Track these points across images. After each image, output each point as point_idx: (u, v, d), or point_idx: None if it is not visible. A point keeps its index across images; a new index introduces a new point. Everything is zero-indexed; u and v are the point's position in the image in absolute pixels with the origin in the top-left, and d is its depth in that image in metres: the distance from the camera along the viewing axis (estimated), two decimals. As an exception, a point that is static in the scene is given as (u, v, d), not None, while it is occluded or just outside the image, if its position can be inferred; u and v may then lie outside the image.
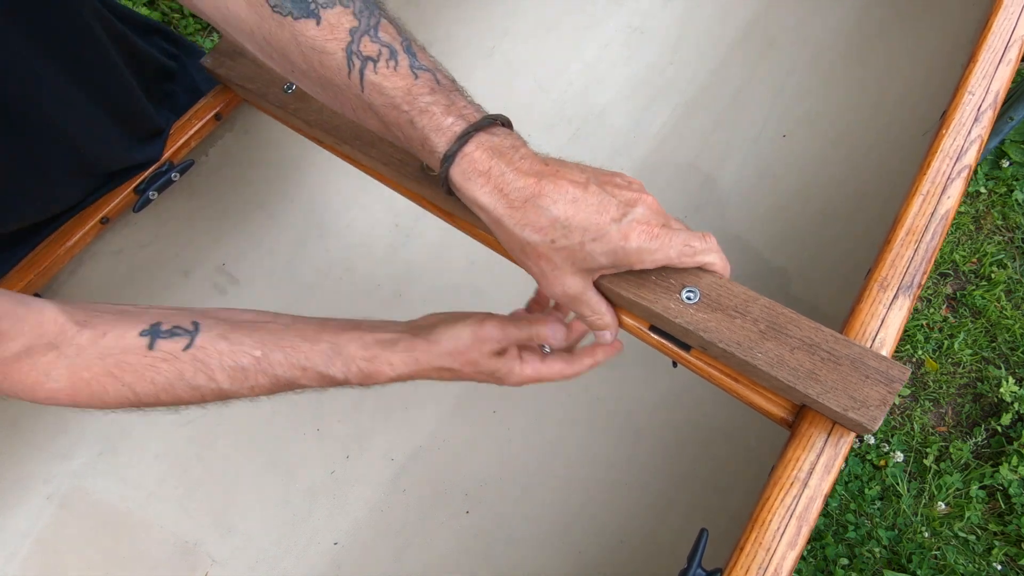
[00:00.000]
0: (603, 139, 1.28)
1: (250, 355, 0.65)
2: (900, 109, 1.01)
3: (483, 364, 0.68)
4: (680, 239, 0.59)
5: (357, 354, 0.67)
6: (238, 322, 0.67)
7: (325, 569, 1.02)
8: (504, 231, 0.60)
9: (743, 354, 0.57)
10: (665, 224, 0.60)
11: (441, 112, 0.60)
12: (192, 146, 0.93)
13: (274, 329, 0.67)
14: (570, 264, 0.60)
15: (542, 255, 0.60)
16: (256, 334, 0.66)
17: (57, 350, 0.60)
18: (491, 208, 0.59)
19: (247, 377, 0.65)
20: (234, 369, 0.64)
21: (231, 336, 0.65)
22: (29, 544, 0.95)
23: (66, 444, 0.98)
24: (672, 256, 0.59)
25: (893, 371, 0.55)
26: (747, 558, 0.55)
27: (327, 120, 0.81)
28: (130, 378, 0.62)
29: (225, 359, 0.64)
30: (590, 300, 0.64)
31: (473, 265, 1.20)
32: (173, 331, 0.63)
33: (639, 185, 0.63)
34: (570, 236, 0.58)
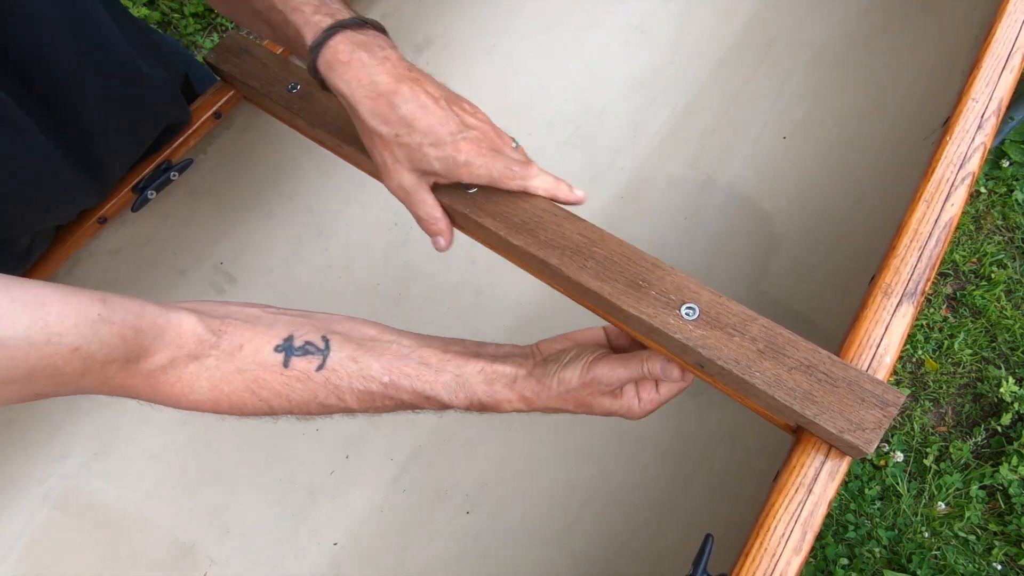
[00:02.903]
0: (603, 138, 1.28)
1: (379, 381, 0.66)
2: (901, 113, 1.01)
3: (597, 405, 0.69)
4: (503, 162, 0.69)
5: (480, 388, 0.68)
6: (365, 343, 0.67)
7: (325, 569, 1.02)
8: (358, 118, 0.69)
9: (741, 372, 0.57)
10: (495, 149, 0.69)
11: (311, 11, 0.67)
12: (191, 145, 0.93)
13: (399, 352, 0.67)
14: (408, 161, 0.69)
15: (387, 145, 0.69)
16: (384, 358, 0.67)
17: (198, 361, 0.61)
18: (349, 95, 0.67)
19: (374, 400, 0.66)
20: (363, 393, 0.66)
21: (361, 360, 0.66)
22: (23, 545, 0.94)
23: (61, 444, 0.98)
24: (495, 175, 0.68)
25: (888, 395, 0.55)
26: (752, 563, 0.55)
27: (331, 121, 0.80)
28: (267, 394, 0.63)
29: (355, 383, 0.65)
30: (423, 198, 0.72)
31: (473, 265, 1.20)
32: (306, 348, 0.64)
33: (484, 116, 0.72)
34: (412, 136, 0.67)
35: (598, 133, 1.29)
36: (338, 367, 0.65)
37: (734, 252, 1.12)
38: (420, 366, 0.67)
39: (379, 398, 0.66)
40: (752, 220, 1.13)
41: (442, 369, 0.68)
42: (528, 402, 0.69)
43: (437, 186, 0.71)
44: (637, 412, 0.71)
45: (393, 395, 0.66)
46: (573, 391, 0.68)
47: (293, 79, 0.85)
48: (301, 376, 0.64)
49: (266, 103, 0.88)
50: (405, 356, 0.67)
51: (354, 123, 0.70)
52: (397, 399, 0.67)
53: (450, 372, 0.68)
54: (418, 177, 0.71)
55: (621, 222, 1.21)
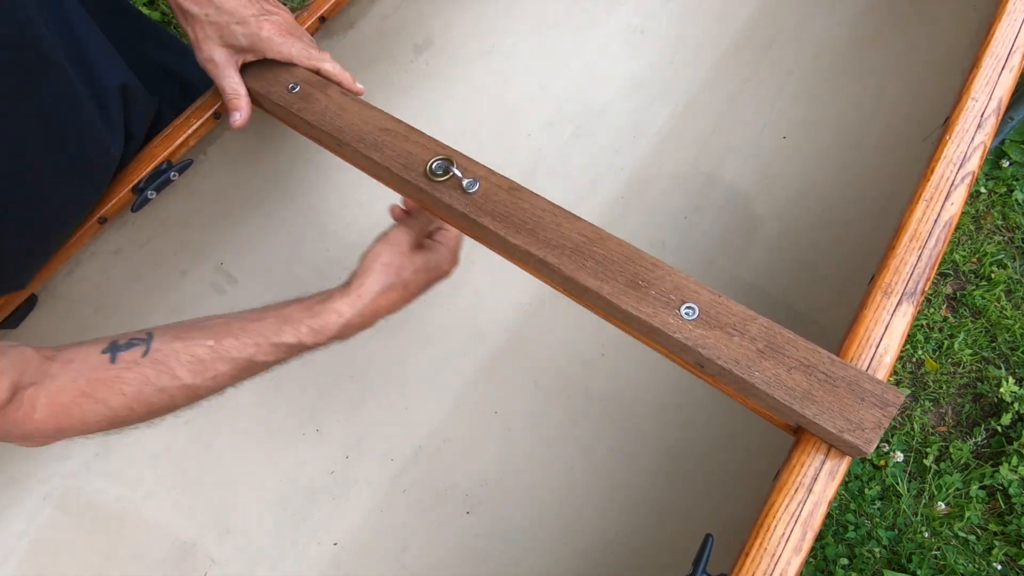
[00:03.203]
0: (603, 138, 1.28)
1: (204, 345, 0.70)
2: (901, 112, 1.01)
3: (412, 263, 0.78)
4: (302, 44, 0.85)
5: (301, 316, 0.73)
6: (188, 324, 0.72)
7: (325, 569, 1.02)
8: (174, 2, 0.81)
9: (741, 372, 0.57)
10: (294, 33, 0.86)
11: None
12: (191, 145, 0.93)
13: (221, 321, 0.73)
14: (218, 37, 0.82)
15: (199, 23, 0.81)
16: (206, 328, 0.71)
17: (36, 385, 0.64)
18: None
19: (206, 368, 0.70)
20: (192, 362, 0.69)
21: (184, 335, 0.70)
22: (25, 545, 0.94)
23: (63, 444, 0.97)
24: (294, 54, 0.84)
25: (888, 395, 0.55)
26: (752, 563, 0.55)
27: (330, 121, 0.80)
28: (102, 393, 0.66)
29: (182, 355, 0.69)
30: (230, 74, 0.85)
31: (473, 265, 1.20)
32: (130, 343, 0.68)
33: (285, 9, 0.87)
34: (220, 15, 0.81)
35: (598, 133, 1.29)
36: (162, 347, 0.69)
37: (734, 252, 1.12)
38: (243, 322, 0.72)
39: (211, 363, 0.70)
40: (752, 220, 1.13)
41: (262, 317, 0.73)
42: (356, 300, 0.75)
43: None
44: (448, 255, 0.83)
45: (224, 355, 0.70)
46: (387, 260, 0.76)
47: (293, 80, 0.85)
48: (129, 364, 0.67)
49: (266, 103, 0.88)
50: (228, 322, 0.73)
51: (172, 9, 0.82)
52: (230, 359, 0.70)
53: (270, 316, 0.73)
54: (228, 54, 0.84)
55: (621, 222, 1.21)
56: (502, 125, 1.27)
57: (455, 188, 0.72)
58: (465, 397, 1.12)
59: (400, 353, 1.14)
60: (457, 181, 0.72)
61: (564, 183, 1.25)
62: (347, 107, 0.82)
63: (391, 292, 0.76)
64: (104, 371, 0.66)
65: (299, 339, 0.73)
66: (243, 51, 0.84)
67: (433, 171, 0.73)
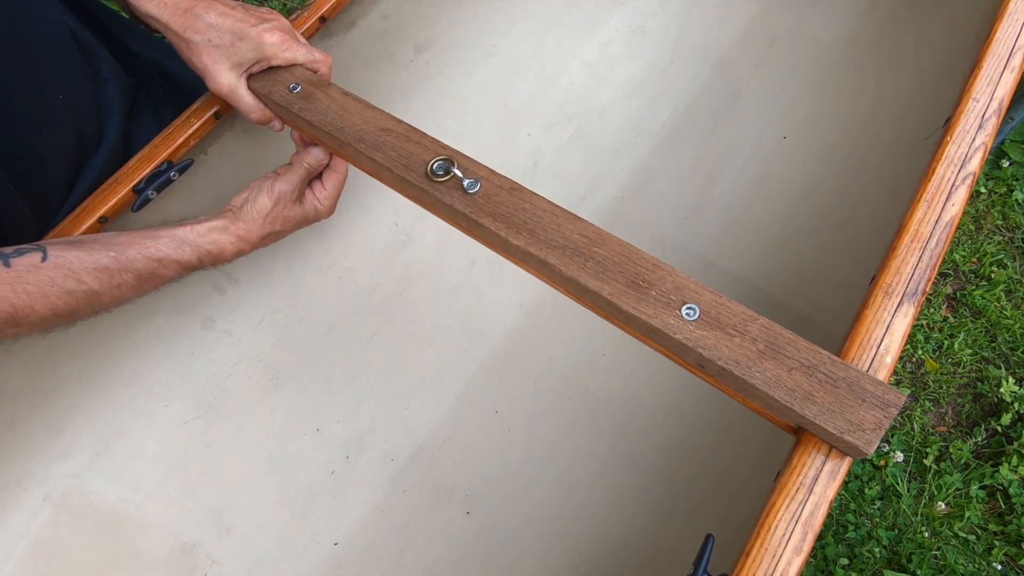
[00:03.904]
0: (603, 139, 1.28)
1: (107, 255, 0.73)
2: (902, 113, 1.01)
3: (293, 215, 0.89)
4: (306, 48, 0.86)
5: (198, 241, 0.81)
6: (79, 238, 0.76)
7: (325, 570, 1.02)
8: (173, 34, 0.81)
9: (741, 373, 0.57)
10: (296, 38, 0.86)
11: None
12: (191, 145, 0.93)
13: (113, 237, 0.77)
14: (225, 59, 0.82)
15: (203, 51, 0.81)
16: (99, 242, 0.75)
17: None
18: (159, 16, 0.80)
19: (112, 276, 0.74)
20: (97, 270, 0.72)
21: (80, 246, 0.73)
22: (25, 545, 0.94)
23: (63, 445, 0.98)
24: (300, 58, 0.85)
25: (889, 396, 0.55)
26: (753, 564, 0.55)
27: (331, 121, 0.80)
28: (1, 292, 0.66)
29: (86, 262, 0.72)
30: (243, 95, 0.85)
31: (473, 265, 1.20)
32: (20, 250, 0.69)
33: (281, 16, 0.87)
34: (223, 37, 0.81)
35: (598, 133, 1.29)
36: (63, 253, 0.71)
37: (734, 252, 1.12)
38: (139, 239, 0.78)
39: (115, 272, 0.74)
40: (753, 220, 1.13)
41: (158, 236, 0.79)
42: (243, 239, 0.85)
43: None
44: (323, 211, 0.94)
45: (127, 266, 0.75)
46: (270, 212, 0.86)
47: (294, 80, 0.85)
48: (29, 267, 0.68)
49: (267, 103, 0.88)
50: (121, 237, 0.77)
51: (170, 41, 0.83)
52: (134, 270, 0.76)
53: (165, 236, 0.79)
54: (237, 75, 0.84)
55: (621, 222, 1.21)
56: (502, 125, 1.27)
57: (456, 188, 0.72)
58: (465, 397, 1.12)
59: (400, 353, 1.14)
60: (458, 181, 0.72)
61: (564, 183, 1.25)
62: (348, 107, 0.82)
63: (271, 236, 0.89)
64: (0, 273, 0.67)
65: (199, 260, 0.82)
66: (251, 65, 0.85)
67: (434, 171, 0.73)
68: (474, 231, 0.73)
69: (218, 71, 0.83)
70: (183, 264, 0.81)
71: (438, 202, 0.73)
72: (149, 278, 0.78)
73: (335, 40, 1.07)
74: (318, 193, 0.93)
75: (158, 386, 1.02)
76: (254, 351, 1.08)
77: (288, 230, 0.91)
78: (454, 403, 1.12)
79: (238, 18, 0.82)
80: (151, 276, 0.78)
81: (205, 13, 0.80)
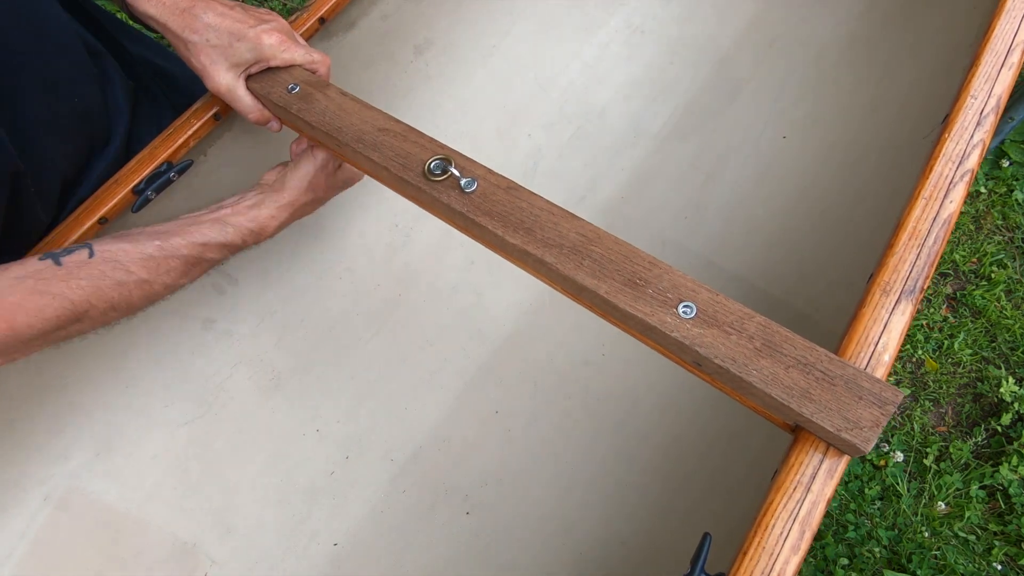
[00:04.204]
0: (603, 139, 1.28)
1: (152, 245, 0.75)
2: (901, 111, 1.01)
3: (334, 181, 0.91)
4: (304, 49, 0.86)
5: (240, 221, 0.82)
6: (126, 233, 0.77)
7: (325, 570, 1.02)
8: (172, 34, 0.81)
9: (738, 371, 0.57)
10: (294, 39, 0.86)
11: None
12: (191, 146, 0.93)
13: (156, 228, 0.78)
14: (223, 60, 0.82)
15: (201, 51, 0.81)
16: (146, 234, 0.76)
17: None
18: (158, 16, 0.80)
19: (159, 264, 0.75)
20: (144, 259, 0.74)
21: (126, 239, 0.74)
22: (25, 545, 0.94)
23: (63, 445, 0.98)
24: (298, 59, 0.85)
25: (886, 393, 0.55)
26: (750, 562, 0.55)
27: (329, 121, 0.81)
28: (57, 288, 0.67)
29: (132, 254, 0.73)
30: (240, 95, 0.86)
31: (473, 265, 1.20)
32: (68, 249, 0.71)
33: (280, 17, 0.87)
34: (221, 37, 0.81)
35: (598, 133, 1.29)
36: (109, 247, 0.72)
37: (734, 251, 1.12)
38: (182, 226, 0.79)
39: (162, 260, 0.75)
40: (752, 219, 1.13)
41: (200, 221, 0.80)
42: (288, 208, 0.86)
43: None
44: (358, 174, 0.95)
45: (173, 253, 0.76)
46: (313, 178, 0.88)
47: (292, 80, 0.86)
48: (79, 263, 0.70)
49: (266, 104, 0.88)
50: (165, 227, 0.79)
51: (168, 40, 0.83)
52: (180, 256, 0.77)
53: (207, 220, 0.81)
54: (235, 75, 0.84)
55: (621, 222, 1.21)
56: (502, 125, 1.28)
57: (453, 188, 0.72)
58: (465, 397, 1.12)
59: (400, 353, 1.14)
60: (455, 180, 0.72)
61: (564, 183, 1.25)
62: (346, 107, 0.82)
63: (313, 203, 0.90)
64: (52, 271, 0.68)
65: (243, 239, 0.83)
66: (249, 65, 0.85)
67: (431, 171, 0.73)
68: (472, 230, 0.73)
69: (216, 71, 0.83)
70: (228, 245, 0.82)
71: (436, 201, 0.73)
72: (196, 263, 0.79)
73: (335, 41, 1.07)
74: None
75: (158, 386, 1.02)
76: (254, 351, 1.08)
77: (327, 197, 0.92)
78: (454, 403, 1.12)
79: (236, 19, 0.82)
80: (197, 260, 0.79)
81: (203, 13, 0.80)
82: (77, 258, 0.70)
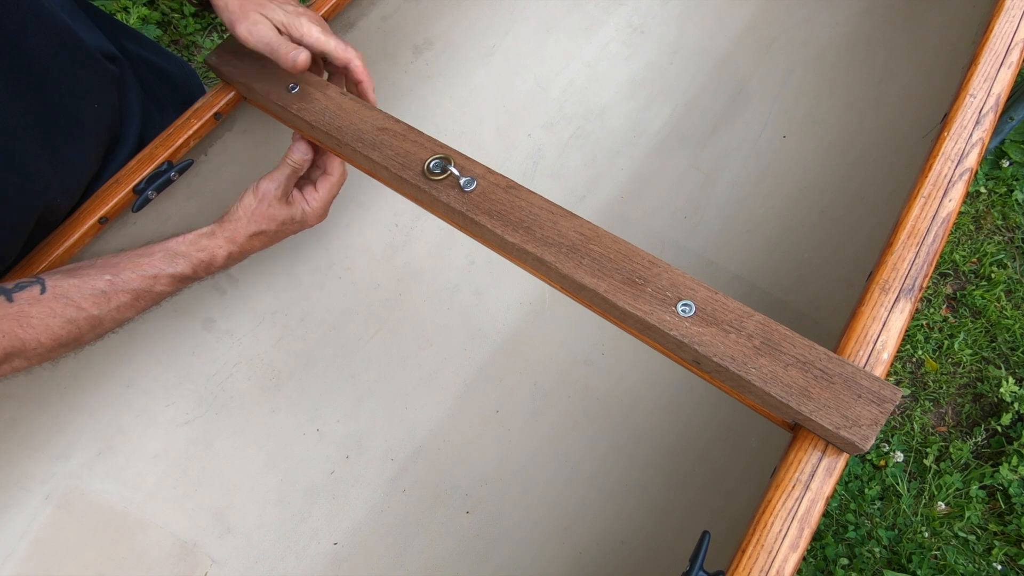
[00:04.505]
0: (603, 139, 1.28)
1: (102, 279, 0.75)
2: (900, 110, 1.01)
3: (279, 214, 0.87)
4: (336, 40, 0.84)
5: (189, 251, 0.82)
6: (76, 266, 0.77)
7: (325, 569, 1.02)
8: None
9: (737, 369, 0.57)
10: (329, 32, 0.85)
11: None
12: (191, 146, 0.93)
13: (108, 260, 0.79)
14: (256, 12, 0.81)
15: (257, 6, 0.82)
16: (97, 267, 0.77)
17: None
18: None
19: (109, 299, 0.75)
20: (94, 295, 0.74)
21: (77, 274, 0.74)
22: (26, 544, 0.94)
23: (63, 444, 0.98)
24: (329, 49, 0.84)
25: (885, 391, 0.55)
26: (749, 560, 0.55)
27: (329, 121, 0.81)
28: (7, 326, 0.68)
29: (83, 289, 0.73)
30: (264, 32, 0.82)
31: (473, 265, 1.20)
32: (19, 285, 0.71)
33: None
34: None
35: (598, 133, 1.29)
36: (60, 283, 0.73)
37: (733, 250, 1.12)
38: (133, 258, 0.79)
39: (113, 295, 0.75)
40: (751, 219, 1.13)
41: (151, 253, 0.80)
42: (232, 240, 0.85)
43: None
44: (311, 214, 0.92)
45: (123, 287, 0.76)
46: (255, 210, 0.85)
47: (292, 80, 0.86)
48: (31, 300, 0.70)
49: (266, 104, 0.88)
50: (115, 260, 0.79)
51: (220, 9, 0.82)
52: (130, 290, 0.77)
53: (158, 252, 0.81)
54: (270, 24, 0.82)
55: (621, 221, 1.21)
56: (502, 125, 1.28)
57: (453, 187, 0.72)
58: (465, 397, 1.12)
59: (400, 353, 1.14)
60: (455, 180, 0.72)
61: (564, 183, 1.26)
62: (346, 107, 0.82)
63: (259, 237, 0.88)
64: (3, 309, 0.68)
65: (194, 270, 0.83)
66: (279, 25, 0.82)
67: (431, 170, 0.74)
68: (471, 229, 0.73)
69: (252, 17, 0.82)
70: (177, 276, 0.82)
71: (435, 200, 0.73)
72: (145, 295, 0.79)
73: (334, 40, 1.07)
74: (308, 196, 0.91)
75: (158, 386, 1.02)
76: (254, 351, 1.08)
77: (277, 231, 0.89)
78: (454, 403, 1.12)
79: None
80: (146, 293, 0.79)
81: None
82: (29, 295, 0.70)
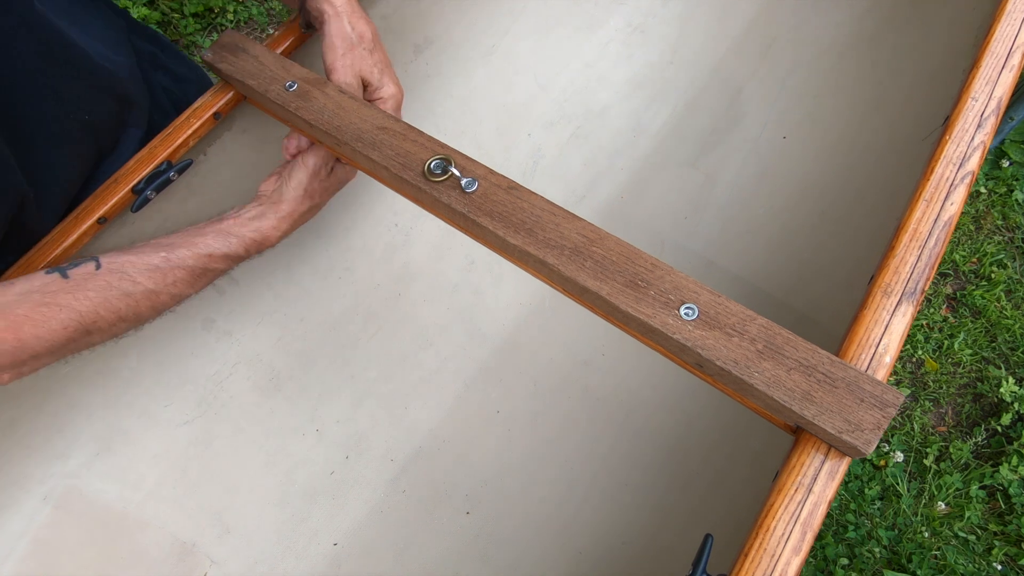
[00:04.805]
0: (603, 138, 1.28)
1: (158, 256, 0.76)
2: (901, 112, 1.01)
3: (328, 185, 0.92)
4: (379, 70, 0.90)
5: (243, 231, 0.84)
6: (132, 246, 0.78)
7: (325, 570, 1.02)
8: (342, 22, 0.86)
9: (740, 373, 0.57)
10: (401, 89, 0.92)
11: None
12: (191, 145, 0.93)
13: (161, 240, 0.80)
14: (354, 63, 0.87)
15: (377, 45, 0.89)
16: (150, 245, 0.78)
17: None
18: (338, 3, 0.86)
19: (165, 275, 0.76)
20: (150, 270, 0.75)
21: (131, 251, 0.76)
22: (25, 545, 0.94)
23: (62, 444, 0.98)
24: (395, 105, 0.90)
25: (888, 396, 0.55)
26: (752, 564, 0.55)
27: (328, 120, 0.80)
28: (64, 300, 0.68)
29: (138, 264, 0.74)
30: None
31: (473, 265, 1.20)
32: (75, 262, 0.72)
33: None
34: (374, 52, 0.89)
35: (598, 133, 1.29)
36: (115, 259, 0.74)
37: (734, 252, 1.12)
38: (186, 237, 0.80)
39: (168, 271, 0.77)
40: (752, 220, 1.13)
41: (203, 233, 0.82)
42: (285, 218, 0.87)
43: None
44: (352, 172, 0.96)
45: (179, 264, 0.78)
46: (308, 186, 0.88)
47: (290, 78, 0.85)
48: (86, 275, 0.71)
49: (264, 102, 0.88)
50: (169, 239, 0.80)
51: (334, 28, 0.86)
52: (186, 267, 0.79)
53: (211, 232, 0.82)
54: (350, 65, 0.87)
55: (621, 222, 1.21)
56: (502, 125, 1.27)
57: (454, 188, 0.72)
58: (465, 397, 1.12)
59: (400, 353, 1.14)
60: (456, 181, 0.72)
61: (564, 183, 1.25)
62: (345, 105, 0.82)
63: (312, 210, 0.91)
64: (59, 284, 0.69)
65: (246, 250, 0.84)
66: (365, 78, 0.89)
67: (431, 170, 0.73)
68: (472, 230, 0.73)
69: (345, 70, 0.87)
70: (232, 256, 0.83)
71: (436, 201, 0.73)
72: (202, 273, 0.81)
73: (334, 40, 1.07)
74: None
75: (158, 386, 1.02)
76: (254, 351, 1.08)
77: (325, 201, 0.94)
78: (454, 403, 1.12)
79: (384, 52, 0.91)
80: (203, 271, 0.81)
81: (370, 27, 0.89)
82: (84, 271, 0.71)
